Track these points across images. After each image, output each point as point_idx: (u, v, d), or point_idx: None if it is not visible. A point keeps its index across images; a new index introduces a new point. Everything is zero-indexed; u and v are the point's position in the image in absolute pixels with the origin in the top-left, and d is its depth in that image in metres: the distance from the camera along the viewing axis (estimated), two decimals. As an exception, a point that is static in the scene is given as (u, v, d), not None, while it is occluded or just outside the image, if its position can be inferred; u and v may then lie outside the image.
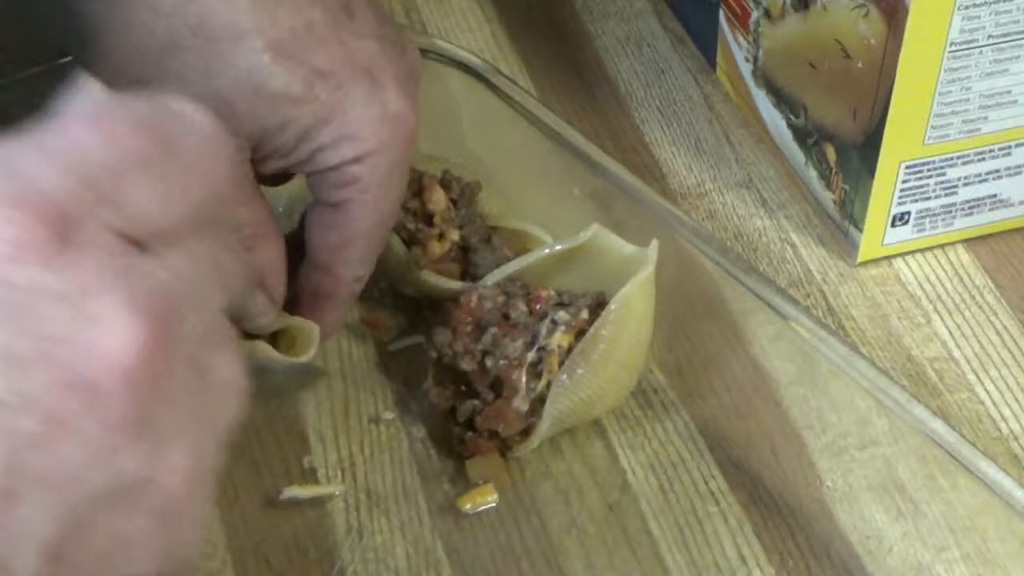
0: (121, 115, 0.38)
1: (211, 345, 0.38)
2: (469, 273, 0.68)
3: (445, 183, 0.69)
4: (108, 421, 0.34)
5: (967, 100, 0.68)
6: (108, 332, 0.34)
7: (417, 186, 0.68)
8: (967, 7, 0.64)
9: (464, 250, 0.68)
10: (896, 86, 0.66)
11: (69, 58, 0.69)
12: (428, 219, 0.68)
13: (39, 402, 0.33)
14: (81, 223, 0.35)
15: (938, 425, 0.59)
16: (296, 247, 0.62)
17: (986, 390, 0.68)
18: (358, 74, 0.58)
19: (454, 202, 0.69)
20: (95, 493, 0.35)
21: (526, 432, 0.63)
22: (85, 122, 0.37)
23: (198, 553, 0.38)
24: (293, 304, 0.63)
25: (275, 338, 0.62)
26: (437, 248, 0.68)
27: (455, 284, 0.67)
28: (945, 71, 0.66)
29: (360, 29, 0.59)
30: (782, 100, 0.77)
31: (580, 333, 0.63)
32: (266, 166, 0.59)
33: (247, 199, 0.58)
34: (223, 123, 0.41)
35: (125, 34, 0.55)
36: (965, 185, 0.72)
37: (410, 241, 0.68)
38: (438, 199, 0.68)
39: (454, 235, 0.68)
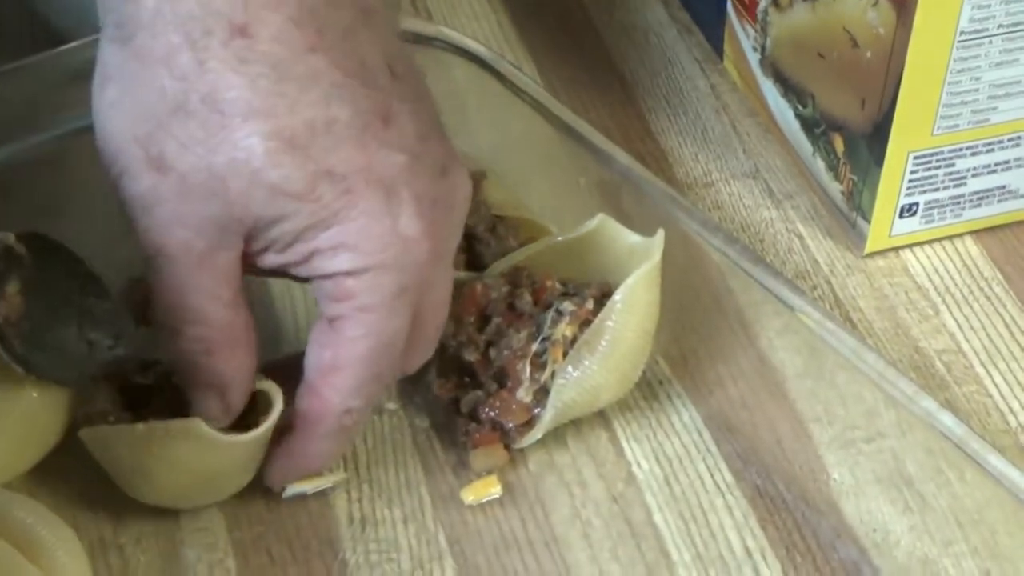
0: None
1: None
2: (474, 263, 0.67)
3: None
4: None
5: (976, 90, 0.68)
6: None
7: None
8: (977, -4, 0.64)
9: (469, 239, 0.68)
10: (905, 76, 0.66)
11: (68, 47, 0.69)
12: None
13: None
14: None
15: (946, 418, 0.58)
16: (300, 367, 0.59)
17: (994, 383, 0.67)
18: (373, 184, 0.53)
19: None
20: None
21: (530, 423, 0.63)
22: None
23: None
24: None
25: None
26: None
27: (460, 274, 0.66)
28: (955, 61, 0.66)
29: (392, 139, 0.54)
30: (790, 90, 0.76)
31: (585, 323, 0.62)
32: (263, 260, 0.55)
33: (224, 295, 0.55)
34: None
35: (133, 87, 0.53)
36: (974, 176, 0.72)
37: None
38: None
39: (458, 224, 0.67)
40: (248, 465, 0.60)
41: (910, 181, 0.70)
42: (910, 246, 0.74)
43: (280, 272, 0.56)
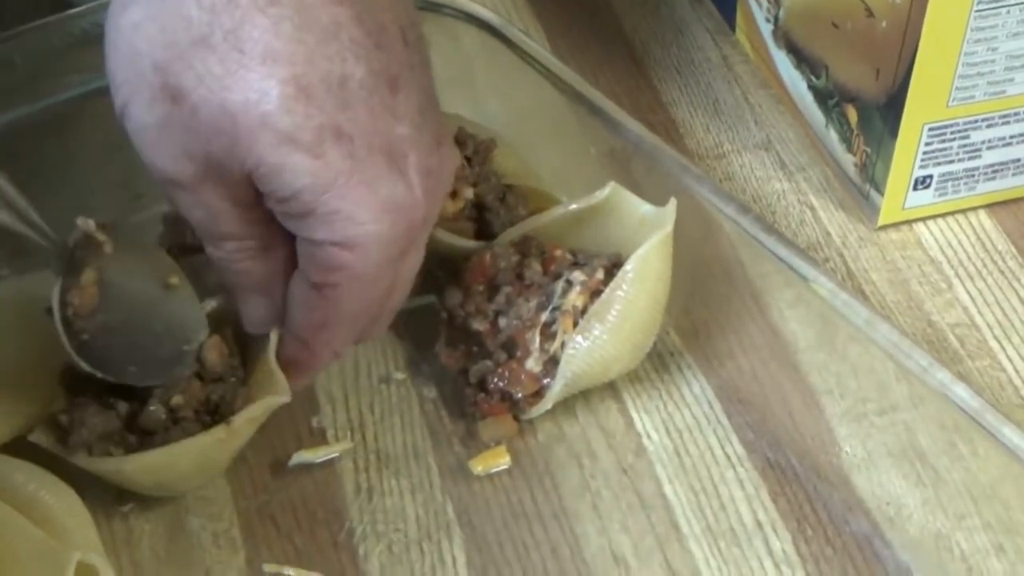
0: None
1: None
2: (483, 232, 0.67)
3: (459, 140, 0.68)
4: None
5: (993, 61, 0.67)
6: None
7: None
8: (996, -36, 0.63)
9: (478, 208, 0.67)
10: (921, 46, 0.65)
11: (75, 11, 0.69)
12: None
13: None
14: None
15: (961, 390, 0.57)
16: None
17: (1008, 357, 0.67)
18: (376, 151, 0.53)
19: (468, 160, 0.68)
20: None
21: (539, 394, 0.62)
22: None
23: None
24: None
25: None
26: (451, 206, 0.66)
27: (469, 243, 0.66)
28: (971, 31, 0.65)
29: (399, 109, 0.54)
30: (803, 60, 0.76)
31: (595, 294, 0.62)
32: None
33: (242, 213, 0.55)
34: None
35: (160, 13, 0.52)
36: (988, 149, 0.71)
37: None
38: (453, 157, 0.67)
39: (468, 193, 0.67)
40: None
41: (924, 153, 0.70)
42: (923, 219, 0.73)
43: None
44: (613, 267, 0.62)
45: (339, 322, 0.57)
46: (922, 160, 0.70)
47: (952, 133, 0.69)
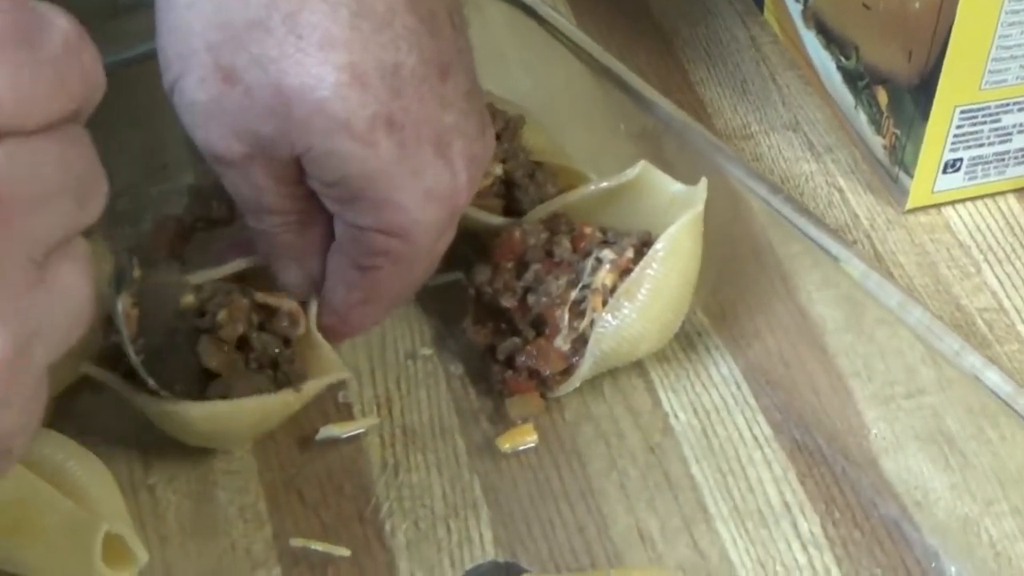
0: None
1: (57, 248, 0.39)
2: (512, 209, 0.66)
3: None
4: None
5: (1026, 44, 0.66)
6: None
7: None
8: (1033, -54, 0.62)
9: (507, 185, 0.67)
10: (955, 28, 0.64)
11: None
12: None
13: None
14: None
15: (993, 374, 0.57)
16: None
17: (1036, 342, 0.67)
18: (425, 141, 0.54)
19: (497, 136, 0.67)
20: None
21: (567, 372, 0.62)
22: None
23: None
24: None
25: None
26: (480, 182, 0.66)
27: (498, 219, 0.65)
28: (1006, 13, 0.64)
29: (448, 96, 0.54)
30: (832, 41, 0.75)
31: (625, 272, 0.61)
32: (306, 182, 0.56)
33: (286, 190, 0.56)
34: (85, 33, 0.39)
35: None
36: (1020, 132, 0.70)
37: None
38: None
39: (497, 169, 0.66)
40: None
41: (955, 136, 0.69)
42: (952, 203, 0.73)
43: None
44: (643, 246, 0.62)
45: (378, 300, 0.59)
46: (952, 143, 0.70)
47: (984, 116, 0.69)
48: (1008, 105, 0.69)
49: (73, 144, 0.39)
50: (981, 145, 0.70)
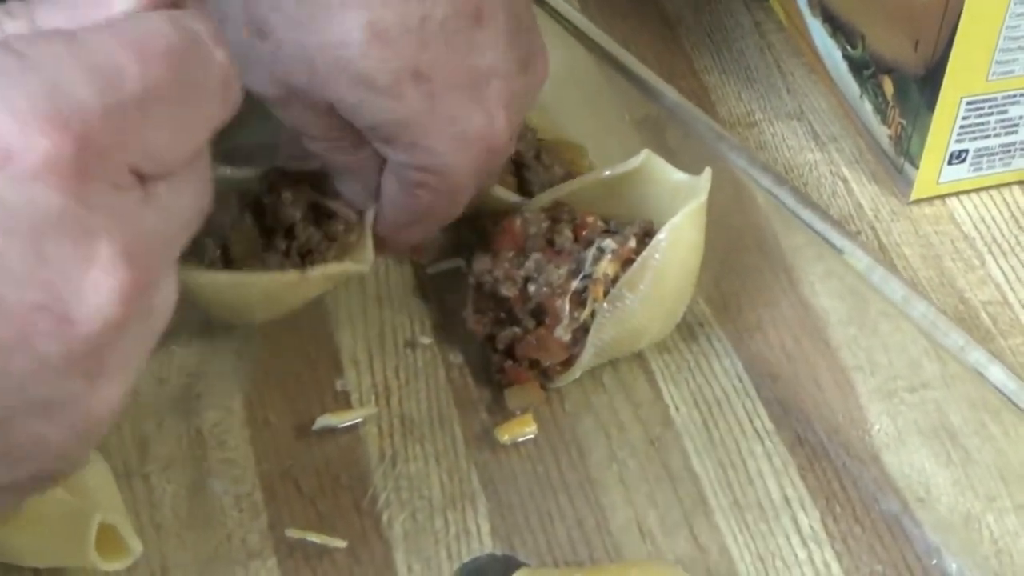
0: (154, 36, 0.38)
1: (164, 277, 0.40)
2: (520, 188, 0.66)
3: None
4: (68, 350, 0.36)
5: (1034, 35, 0.66)
6: (99, 275, 0.36)
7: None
8: (1043, -64, 0.62)
9: (517, 166, 0.66)
10: (963, 19, 0.64)
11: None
12: None
13: (13, 313, 0.35)
14: (105, 155, 0.36)
15: (998, 370, 0.57)
16: None
17: (1041, 336, 0.66)
18: (458, 87, 0.55)
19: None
20: (30, 401, 0.37)
21: (567, 362, 0.61)
22: (122, 38, 0.37)
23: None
24: None
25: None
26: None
27: (514, 197, 0.65)
28: (1014, 3, 0.64)
29: (483, 39, 0.55)
30: (838, 29, 0.74)
31: (627, 262, 0.61)
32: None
33: (331, 121, 0.57)
34: (236, 65, 0.41)
35: None
36: (1026, 124, 0.70)
37: None
38: None
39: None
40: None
41: (961, 127, 0.69)
42: (957, 194, 0.72)
43: None
44: (645, 235, 0.61)
45: (422, 222, 0.60)
46: (958, 134, 0.69)
47: (990, 107, 0.68)
48: (1015, 96, 0.68)
49: (199, 171, 0.41)
50: (987, 136, 0.70)
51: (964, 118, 0.68)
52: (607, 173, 0.64)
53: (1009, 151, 0.71)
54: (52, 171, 0.35)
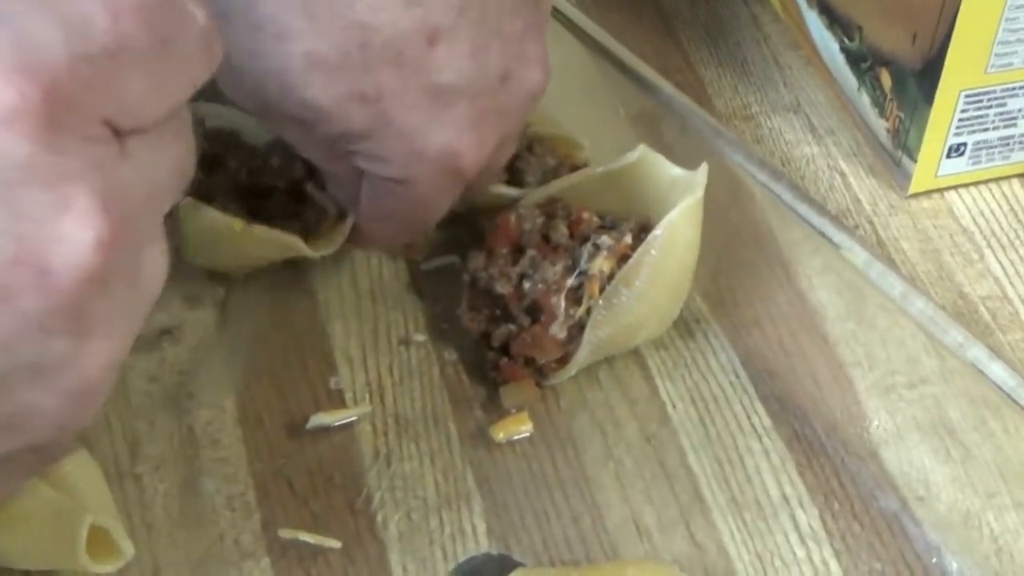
0: None
1: (150, 240, 0.39)
2: (513, 181, 0.65)
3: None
4: (49, 304, 0.36)
5: (1034, 27, 0.65)
6: (75, 223, 0.35)
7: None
8: (1042, -73, 0.61)
9: (510, 158, 0.65)
10: (961, 11, 0.63)
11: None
12: None
13: None
14: (74, 105, 0.35)
15: (998, 367, 0.56)
16: None
17: (1041, 331, 0.66)
18: (414, 106, 0.55)
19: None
20: (17, 365, 0.36)
21: (563, 360, 0.61)
22: None
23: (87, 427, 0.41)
24: None
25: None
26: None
27: (504, 189, 0.64)
28: (1013, -5, 0.63)
29: (440, 59, 0.54)
30: (836, 22, 0.74)
31: (623, 258, 0.60)
32: None
33: (307, 141, 0.58)
34: (215, 26, 0.41)
35: None
36: (1025, 117, 0.69)
37: None
38: None
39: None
40: None
41: (960, 120, 0.68)
42: (956, 187, 0.72)
43: None
44: (641, 231, 0.61)
45: (396, 225, 0.61)
46: (957, 127, 0.68)
47: (989, 100, 0.68)
48: (1014, 89, 0.68)
49: (177, 133, 0.41)
50: (986, 129, 0.69)
51: (963, 111, 0.68)
52: (602, 168, 0.63)
53: (1008, 144, 0.70)
54: (20, 120, 0.34)
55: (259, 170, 0.64)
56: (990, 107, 0.68)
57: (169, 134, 0.39)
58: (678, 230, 0.59)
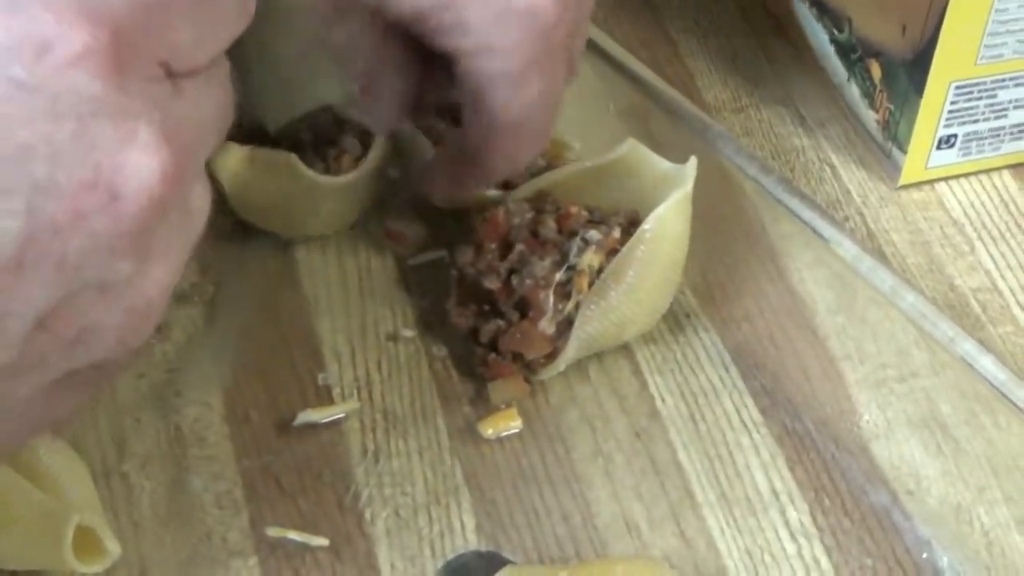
0: None
1: (197, 177, 0.42)
2: (502, 183, 0.65)
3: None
4: (118, 226, 0.38)
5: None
6: (140, 153, 0.38)
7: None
8: (1032, -82, 0.61)
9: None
10: (951, 1, 0.63)
11: None
12: (456, 121, 0.65)
13: (67, 193, 0.37)
14: (136, 47, 0.38)
15: (988, 361, 0.56)
16: None
17: (1031, 323, 0.65)
18: None
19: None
20: (88, 282, 0.39)
21: (552, 355, 0.61)
22: None
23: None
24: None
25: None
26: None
27: (496, 192, 0.64)
28: (1003, -13, 0.63)
29: None
30: (825, 13, 0.74)
31: (612, 253, 0.60)
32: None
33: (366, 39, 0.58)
34: None
35: None
36: (1016, 108, 0.69)
37: (439, 144, 0.65)
38: None
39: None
40: (347, 205, 0.66)
41: (950, 112, 0.68)
42: (946, 179, 0.71)
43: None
44: (630, 226, 0.60)
45: (495, 132, 0.58)
46: (947, 119, 0.68)
47: (979, 92, 0.67)
48: (1004, 80, 0.67)
49: (221, 77, 0.43)
50: (976, 121, 0.69)
51: (953, 103, 0.67)
52: (591, 163, 0.63)
53: (998, 135, 0.70)
54: (91, 60, 0.37)
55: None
56: (980, 98, 0.68)
57: (213, 79, 0.42)
58: (667, 224, 0.59)
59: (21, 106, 0.37)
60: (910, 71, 0.67)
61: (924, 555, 0.56)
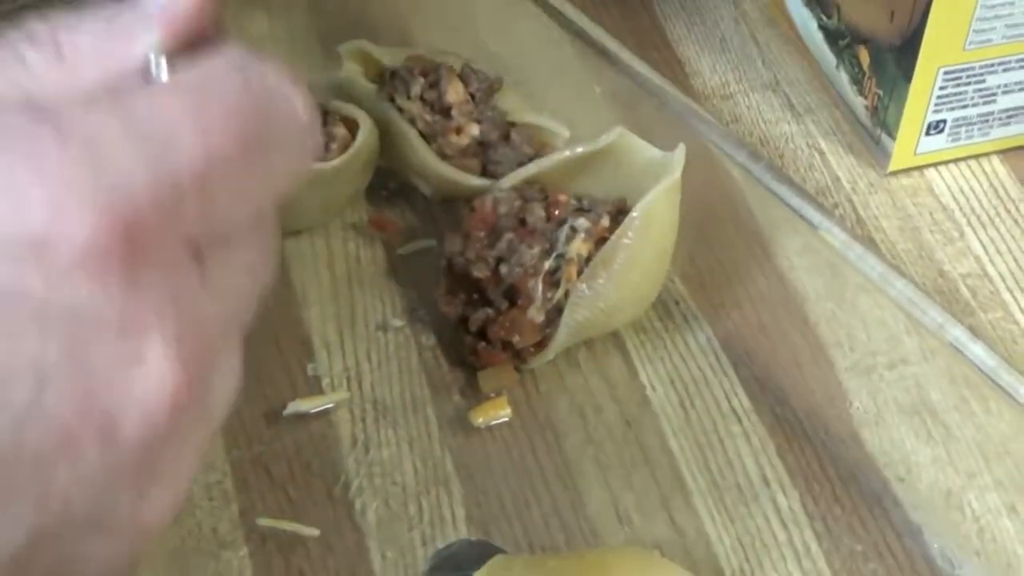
0: (216, 92, 0.32)
1: (225, 359, 0.35)
2: (488, 170, 0.65)
3: (464, 76, 0.66)
4: (115, 461, 0.32)
5: (1011, 3, 0.65)
6: (147, 377, 0.31)
7: (435, 77, 0.65)
8: (1020, -97, 0.60)
9: (483, 146, 0.65)
10: (939, -13, 0.63)
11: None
12: (445, 112, 0.65)
13: (55, 422, 0.31)
14: (154, 235, 0.31)
15: (978, 348, 0.56)
16: None
17: (1021, 309, 0.65)
18: None
19: (472, 96, 0.66)
20: (73, 518, 0.32)
21: (541, 344, 0.60)
22: (177, 98, 0.32)
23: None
24: None
25: None
26: (456, 142, 0.64)
27: (475, 180, 0.64)
28: (991, -28, 0.63)
29: None
30: (814, -1, 0.74)
31: (600, 241, 0.60)
32: None
33: None
34: (316, 116, 0.35)
35: None
36: (1004, 93, 0.69)
37: (427, 135, 0.65)
38: (456, 91, 0.65)
39: (473, 130, 0.65)
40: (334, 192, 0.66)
41: (939, 97, 0.68)
42: (935, 165, 0.71)
43: None
44: (619, 213, 0.60)
45: None
46: (936, 104, 0.68)
47: (968, 77, 0.67)
48: (993, 66, 0.67)
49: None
50: (965, 106, 0.69)
51: (941, 88, 0.67)
52: (579, 150, 0.63)
53: (987, 121, 0.70)
54: (94, 262, 0.30)
55: None
56: (969, 84, 0.68)
57: (252, 244, 0.35)
58: (656, 212, 0.59)
59: (3, 317, 0.30)
60: (898, 57, 0.67)
61: (915, 541, 0.56)
